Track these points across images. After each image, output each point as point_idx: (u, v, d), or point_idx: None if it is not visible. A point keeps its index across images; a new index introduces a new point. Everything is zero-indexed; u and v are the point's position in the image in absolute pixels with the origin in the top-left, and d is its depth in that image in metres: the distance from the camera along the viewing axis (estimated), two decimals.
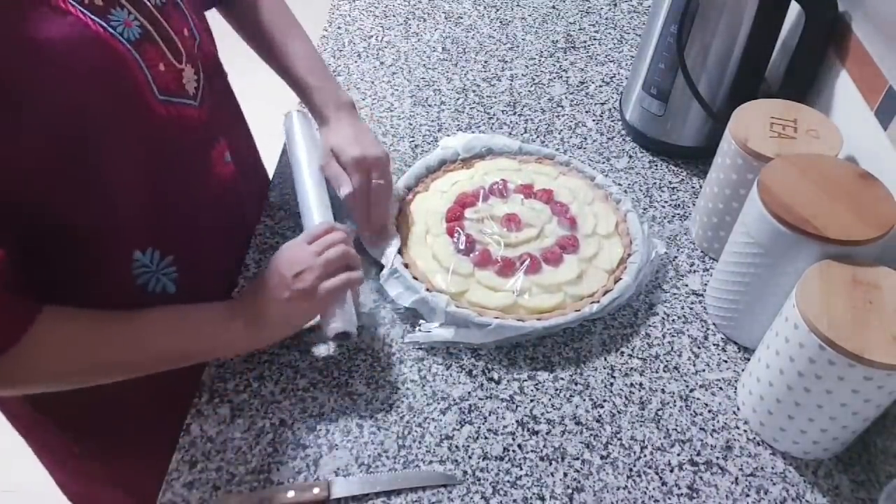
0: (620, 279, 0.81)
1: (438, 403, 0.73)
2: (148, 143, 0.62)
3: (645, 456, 0.69)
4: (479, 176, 0.92)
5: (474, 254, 0.82)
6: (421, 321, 0.79)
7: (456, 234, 0.84)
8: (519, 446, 0.70)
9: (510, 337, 0.76)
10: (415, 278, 0.80)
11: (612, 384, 0.75)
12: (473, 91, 1.11)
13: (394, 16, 1.27)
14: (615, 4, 1.31)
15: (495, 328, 0.75)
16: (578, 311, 0.78)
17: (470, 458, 0.68)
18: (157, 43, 0.61)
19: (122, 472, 0.83)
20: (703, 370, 0.77)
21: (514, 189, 0.90)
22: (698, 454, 0.70)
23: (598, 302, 0.79)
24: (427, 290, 0.78)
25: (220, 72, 0.76)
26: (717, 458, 0.70)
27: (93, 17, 0.56)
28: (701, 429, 0.72)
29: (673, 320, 0.81)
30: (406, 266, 0.81)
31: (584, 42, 1.22)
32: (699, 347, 0.79)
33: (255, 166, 0.91)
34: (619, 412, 0.73)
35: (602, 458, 0.69)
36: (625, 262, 0.83)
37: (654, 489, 0.67)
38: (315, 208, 0.80)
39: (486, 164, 0.95)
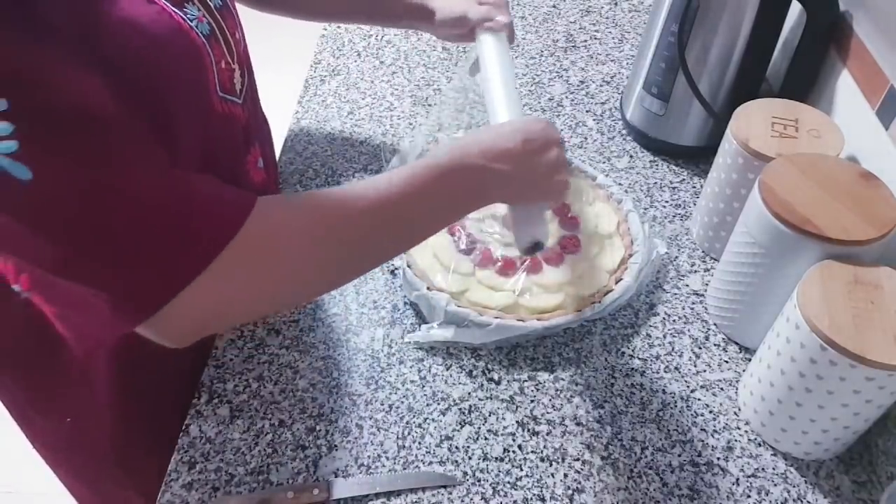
0: (621, 279, 0.81)
1: (438, 404, 0.72)
2: (202, 141, 0.63)
3: (646, 457, 0.69)
4: None
5: (475, 253, 0.82)
6: (420, 324, 0.79)
7: (457, 234, 0.84)
8: (519, 447, 0.69)
9: (510, 337, 0.76)
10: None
11: (612, 385, 0.75)
12: (473, 90, 1.11)
13: None
14: (616, 3, 1.31)
15: (495, 328, 0.75)
16: (579, 311, 0.77)
17: (470, 458, 0.68)
18: (220, 41, 0.63)
19: (142, 474, 0.83)
20: (704, 371, 0.77)
21: None
22: (699, 455, 0.70)
23: (599, 302, 0.78)
24: (428, 288, 0.78)
25: (252, 75, 0.77)
26: (718, 458, 0.69)
27: (173, 8, 0.57)
28: (702, 429, 0.72)
29: (674, 321, 0.81)
30: (408, 266, 0.81)
31: (585, 41, 1.22)
32: (700, 348, 0.79)
33: (276, 173, 0.92)
34: (619, 413, 0.72)
35: (603, 458, 0.69)
36: (626, 263, 0.83)
37: (654, 490, 0.67)
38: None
39: None
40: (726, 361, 0.78)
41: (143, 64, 0.52)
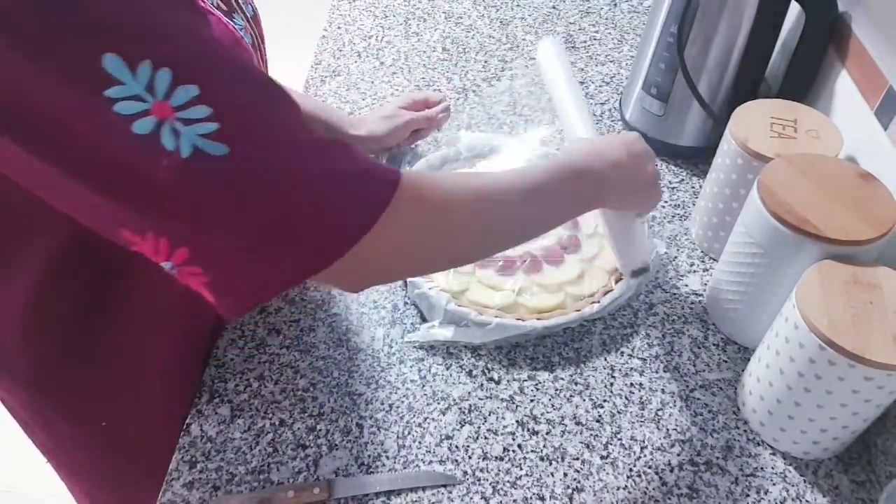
0: (621, 279, 0.81)
1: (438, 403, 0.72)
2: None
3: (645, 456, 0.69)
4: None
5: None
6: (420, 324, 0.79)
7: None
8: (519, 446, 0.70)
9: (510, 336, 0.76)
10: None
11: (612, 384, 0.75)
12: (473, 91, 1.11)
13: (394, 15, 1.27)
14: (615, 4, 1.31)
15: (495, 327, 0.75)
16: (579, 310, 0.78)
17: (470, 458, 0.68)
18: (257, 50, 0.64)
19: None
20: (703, 370, 0.77)
21: None
22: (698, 454, 0.70)
23: (599, 302, 0.78)
24: (429, 288, 0.78)
25: None
26: (717, 458, 0.70)
27: (227, 19, 0.58)
28: (701, 429, 0.72)
29: (673, 320, 0.81)
30: None
31: (584, 42, 1.22)
32: (699, 347, 0.79)
33: None
34: (619, 412, 0.73)
35: (602, 458, 0.69)
36: None
37: (654, 489, 0.67)
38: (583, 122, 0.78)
39: (487, 163, 0.95)
40: (725, 361, 0.78)
41: None
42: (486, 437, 0.70)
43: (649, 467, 0.69)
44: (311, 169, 0.47)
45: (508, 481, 0.67)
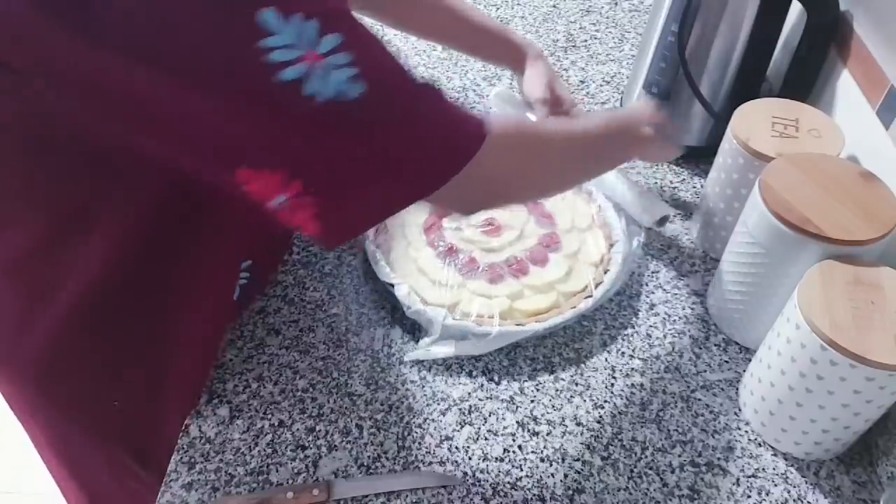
0: (608, 270, 0.81)
1: (438, 404, 0.72)
2: None
3: (646, 457, 0.69)
4: None
5: (460, 263, 0.81)
6: (421, 339, 0.78)
7: (437, 245, 0.83)
8: (519, 447, 0.69)
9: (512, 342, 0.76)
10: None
11: (612, 385, 0.75)
12: (473, 90, 1.11)
13: None
14: (616, 3, 1.31)
15: (496, 336, 0.74)
16: (574, 307, 0.77)
17: (470, 459, 0.68)
18: None
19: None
20: (705, 371, 0.76)
21: None
22: (699, 455, 0.69)
23: (592, 296, 0.78)
24: (422, 303, 0.77)
25: None
26: (719, 459, 0.69)
27: None
28: (702, 430, 0.71)
29: (674, 321, 0.81)
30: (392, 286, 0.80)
31: (585, 41, 1.22)
32: (700, 348, 0.79)
33: None
34: (619, 413, 0.72)
35: (603, 459, 0.69)
36: (608, 253, 0.83)
37: (654, 490, 0.67)
38: None
39: None
40: (726, 361, 0.77)
41: None
42: (486, 438, 0.70)
43: (650, 468, 0.68)
44: (426, 105, 0.52)
45: (508, 482, 0.67)
